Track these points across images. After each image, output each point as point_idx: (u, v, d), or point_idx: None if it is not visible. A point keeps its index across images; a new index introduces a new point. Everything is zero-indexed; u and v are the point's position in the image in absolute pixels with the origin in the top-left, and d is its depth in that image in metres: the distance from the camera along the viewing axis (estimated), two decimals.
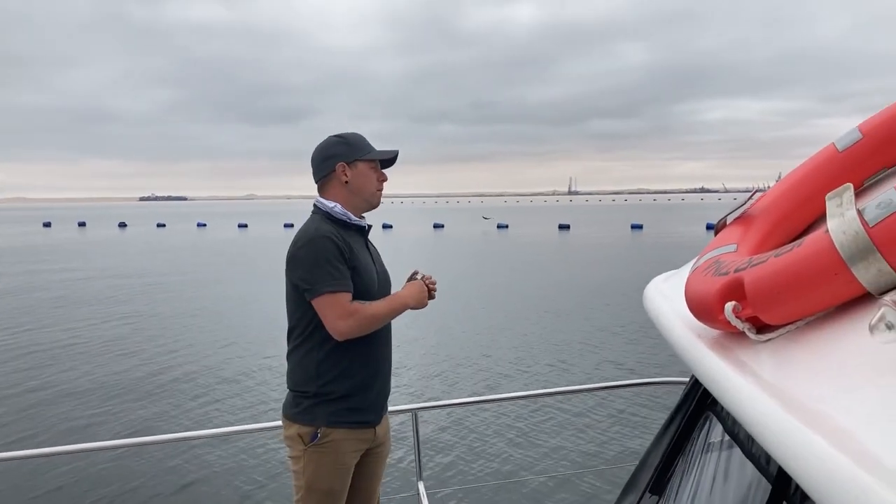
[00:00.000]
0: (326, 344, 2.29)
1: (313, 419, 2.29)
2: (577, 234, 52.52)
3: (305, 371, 2.33)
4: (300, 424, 2.30)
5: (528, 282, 23.57)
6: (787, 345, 0.84)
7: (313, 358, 2.31)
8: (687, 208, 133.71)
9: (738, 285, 0.88)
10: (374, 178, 2.46)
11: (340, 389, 2.30)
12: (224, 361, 12.44)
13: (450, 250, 38.94)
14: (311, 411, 2.30)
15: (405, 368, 11.76)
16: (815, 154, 1.24)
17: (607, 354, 12.58)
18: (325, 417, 2.29)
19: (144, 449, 7.87)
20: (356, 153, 2.42)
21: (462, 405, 8.67)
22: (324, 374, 2.30)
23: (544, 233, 55.81)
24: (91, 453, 7.48)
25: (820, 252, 0.76)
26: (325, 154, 2.44)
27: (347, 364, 2.31)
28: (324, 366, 2.30)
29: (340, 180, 2.42)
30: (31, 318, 17.31)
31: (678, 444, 1.48)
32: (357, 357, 2.32)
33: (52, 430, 8.98)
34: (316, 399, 2.30)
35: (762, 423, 0.72)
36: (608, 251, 36.30)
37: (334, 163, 2.41)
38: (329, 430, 2.29)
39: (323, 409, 2.29)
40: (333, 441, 2.29)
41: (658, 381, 3.71)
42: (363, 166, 2.43)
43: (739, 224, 1.22)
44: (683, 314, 1.09)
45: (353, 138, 2.47)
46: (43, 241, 54.04)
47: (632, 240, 45.87)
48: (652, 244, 40.62)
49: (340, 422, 2.30)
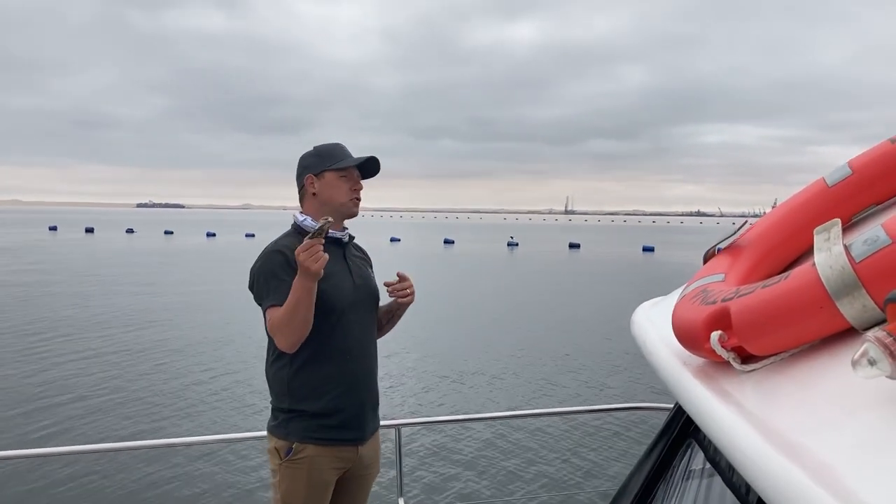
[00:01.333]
0: (296, 360, 2.25)
1: (287, 434, 2.27)
2: (587, 254, 52.86)
3: (279, 387, 2.31)
4: (277, 438, 2.29)
5: (536, 300, 23.77)
6: (771, 376, 0.84)
7: (284, 375, 2.29)
8: (689, 232, 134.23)
9: (724, 315, 0.89)
10: (345, 187, 2.38)
11: (313, 407, 2.26)
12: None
13: (462, 267, 39.11)
14: (285, 426, 2.28)
15: (391, 382, 11.85)
16: (805, 188, 1.27)
17: (595, 377, 12.64)
18: (299, 433, 2.26)
19: (136, 453, 7.92)
20: (325, 163, 2.37)
21: (446, 423, 8.61)
22: (295, 392, 2.27)
23: (555, 251, 56.05)
24: (90, 455, 7.51)
25: (806, 285, 0.77)
26: (299, 168, 2.43)
27: (318, 382, 2.27)
28: (294, 383, 2.27)
29: (310, 192, 2.39)
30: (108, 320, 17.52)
31: (659, 470, 1.49)
32: (329, 373, 2.28)
33: (48, 430, 9.14)
34: (290, 414, 2.28)
35: (743, 453, 0.72)
36: (621, 273, 36.52)
37: (304, 176, 2.40)
38: (303, 446, 2.25)
39: (297, 425, 2.27)
40: (308, 457, 2.25)
41: (641, 407, 3.73)
42: (331, 176, 2.37)
43: (728, 254, 1.24)
44: (669, 341, 1.11)
45: (326, 149, 2.42)
46: (61, 243, 54.02)
47: (644, 262, 46.27)
48: (664, 267, 40.89)
49: (314, 437, 2.26)
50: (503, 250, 57.79)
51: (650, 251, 58.73)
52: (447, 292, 25.80)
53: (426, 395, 11.39)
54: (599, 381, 12.35)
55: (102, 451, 6.45)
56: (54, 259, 39.83)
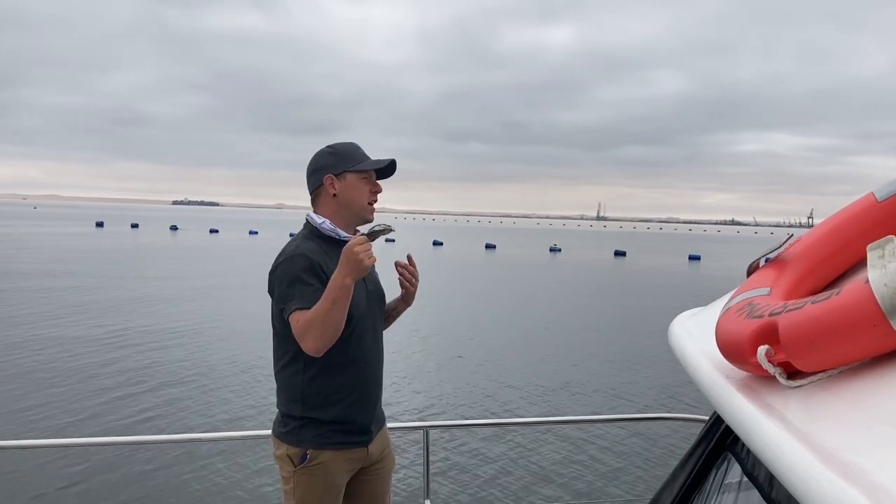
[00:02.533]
0: (311, 368, 2.21)
1: (301, 441, 2.23)
2: (633, 262, 52.34)
3: (291, 394, 2.26)
4: (288, 445, 2.25)
5: (581, 307, 23.58)
6: (819, 392, 0.83)
7: (298, 382, 2.24)
8: (729, 241, 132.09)
9: (772, 329, 0.88)
10: (366, 190, 2.33)
11: (327, 415, 2.24)
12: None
13: (506, 272, 38.86)
14: (298, 433, 2.24)
15: (421, 384, 11.84)
16: (853, 203, 1.25)
17: (631, 386, 12.50)
18: (313, 439, 2.23)
19: (143, 447, 7.94)
20: (345, 164, 2.30)
21: (475, 426, 8.55)
22: (309, 399, 2.23)
23: (600, 259, 55.54)
24: (102, 447, 7.66)
25: (859, 302, 0.76)
26: (314, 166, 2.34)
27: (332, 391, 2.24)
28: (309, 390, 2.23)
29: (329, 193, 2.31)
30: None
31: (695, 482, 1.47)
32: (344, 381, 2.25)
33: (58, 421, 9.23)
34: (303, 421, 2.24)
35: (791, 469, 0.72)
36: (669, 282, 36.02)
37: (322, 175, 2.31)
38: (317, 452, 2.23)
39: (310, 431, 2.23)
40: (323, 463, 2.23)
41: (675, 417, 3.70)
42: (352, 178, 2.31)
43: (773, 267, 1.22)
44: (710, 353, 1.11)
45: (344, 148, 2.35)
46: (135, 243, 55.24)
47: (691, 271, 45.66)
48: (712, 276, 40.32)
49: (329, 443, 2.24)
50: (546, 255, 57.52)
51: (696, 260, 58.04)
52: (492, 297, 25.74)
53: (458, 398, 11.33)
54: (635, 390, 12.23)
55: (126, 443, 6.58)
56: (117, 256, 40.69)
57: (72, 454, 7.64)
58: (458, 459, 8.28)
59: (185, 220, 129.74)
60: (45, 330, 15.72)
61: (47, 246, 45.20)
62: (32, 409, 9.79)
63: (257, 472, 7.70)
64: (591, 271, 42.14)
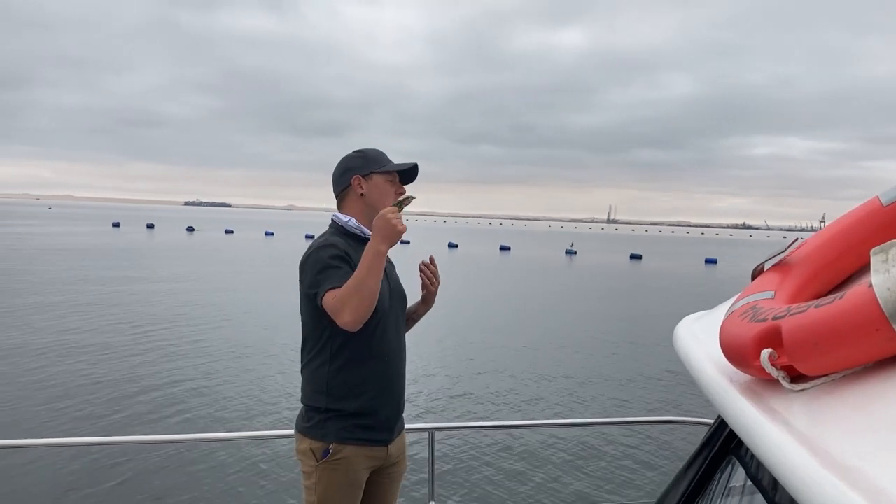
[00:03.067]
0: (337, 360, 2.27)
1: (325, 435, 2.27)
2: (649, 265, 52.27)
3: (317, 386, 2.30)
4: (312, 439, 2.28)
5: (595, 310, 23.60)
6: (822, 396, 0.84)
7: (324, 373, 2.29)
8: (743, 245, 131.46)
9: (775, 333, 0.88)
10: (391, 191, 2.43)
11: (351, 406, 2.28)
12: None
13: (522, 275, 38.88)
14: (322, 427, 2.28)
15: (426, 386, 11.79)
16: (858, 207, 1.25)
17: (636, 389, 12.49)
18: (337, 433, 2.26)
19: (160, 446, 7.98)
20: (372, 165, 2.41)
21: (480, 428, 8.50)
22: (334, 391, 2.27)
23: (615, 262, 55.55)
24: (115, 447, 7.66)
25: (862, 306, 0.76)
26: (343, 168, 2.44)
27: (358, 381, 2.28)
28: (334, 382, 2.28)
29: (356, 193, 2.41)
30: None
31: (698, 485, 1.48)
32: (368, 374, 2.30)
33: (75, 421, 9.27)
34: (327, 414, 2.28)
35: (794, 473, 0.72)
36: (685, 285, 35.97)
37: (350, 176, 2.41)
38: (340, 447, 2.26)
39: (334, 425, 2.27)
40: (345, 458, 2.27)
41: (679, 421, 3.72)
42: (379, 179, 2.42)
43: (778, 271, 1.23)
44: (715, 357, 1.11)
45: (372, 152, 2.46)
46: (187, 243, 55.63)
47: (708, 274, 45.60)
48: (729, 280, 40.24)
49: (352, 438, 2.28)
50: (561, 258, 57.57)
51: (713, 263, 57.89)
52: (509, 299, 25.76)
53: (463, 400, 11.33)
54: (640, 394, 12.24)
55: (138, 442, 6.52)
56: (141, 256, 41.06)
57: (87, 453, 7.67)
58: (464, 461, 8.30)
59: (200, 220, 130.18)
60: (61, 333, 15.91)
61: (71, 247, 45.70)
62: (53, 408, 9.87)
63: (279, 471, 7.71)
64: (607, 274, 42.12)
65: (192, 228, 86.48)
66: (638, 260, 59.17)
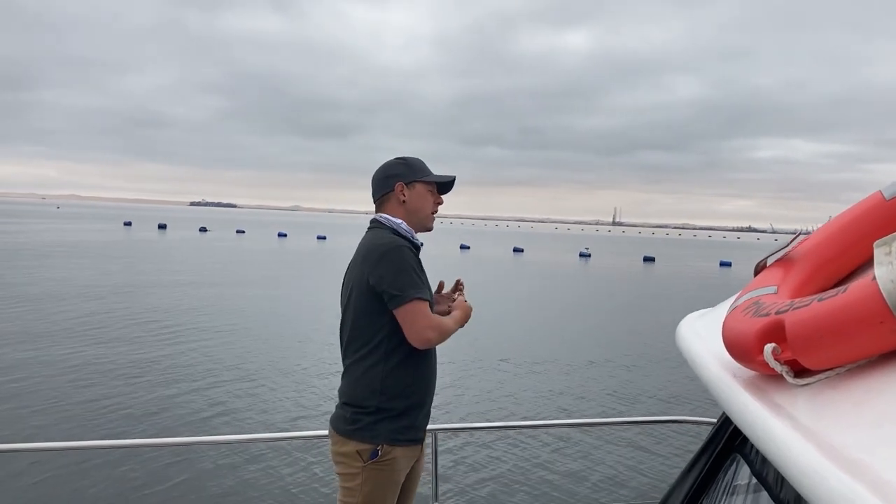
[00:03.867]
0: (392, 358, 2.28)
1: (375, 436, 2.26)
2: (663, 268, 52.14)
3: (368, 385, 2.29)
4: (358, 441, 2.27)
5: (608, 312, 23.55)
6: (826, 390, 0.83)
7: (378, 372, 2.28)
8: (753, 247, 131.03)
9: (778, 327, 0.88)
10: (431, 200, 2.50)
11: (401, 405, 2.29)
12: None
13: (536, 277, 38.87)
14: (371, 428, 2.26)
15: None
16: (861, 201, 1.24)
17: (641, 389, 12.48)
18: (387, 435, 2.27)
19: (191, 449, 8.03)
20: (415, 174, 2.47)
21: (483, 429, 8.50)
22: (388, 390, 2.27)
23: (629, 264, 55.48)
24: (141, 449, 7.69)
25: (865, 299, 0.76)
26: (387, 173, 2.48)
27: (411, 380, 2.31)
28: (388, 381, 2.28)
29: (398, 199, 2.46)
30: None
31: (703, 483, 1.47)
32: (419, 373, 2.34)
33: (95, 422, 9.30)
34: (377, 415, 2.27)
35: (798, 468, 0.72)
36: (700, 287, 35.85)
37: (394, 182, 2.46)
38: (390, 448, 2.27)
39: (385, 427, 2.27)
40: (394, 459, 2.28)
41: (683, 420, 3.70)
42: (421, 188, 2.48)
43: (780, 266, 1.23)
44: (718, 353, 1.10)
45: (414, 161, 2.52)
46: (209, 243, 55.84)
47: (723, 277, 45.55)
48: (745, 282, 39.98)
49: (401, 439, 2.30)
50: (575, 260, 57.54)
51: (727, 266, 57.73)
52: (524, 301, 25.76)
53: (466, 401, 11.35)
54: (647, 393, 12.22)
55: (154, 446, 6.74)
56: (147, 256, 41.28)
57: (122, 455, 7.68)
58: (467, 462, 8.30)
59: (211, 220, 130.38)
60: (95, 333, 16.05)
61: (89, 245, 45.93)
62: (86, 408, 9.95)
63: (311, 472, 7.72)
64: (622, 277, 42.10)
65: (205, 229, 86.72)
66: (651, 262, 59.15)
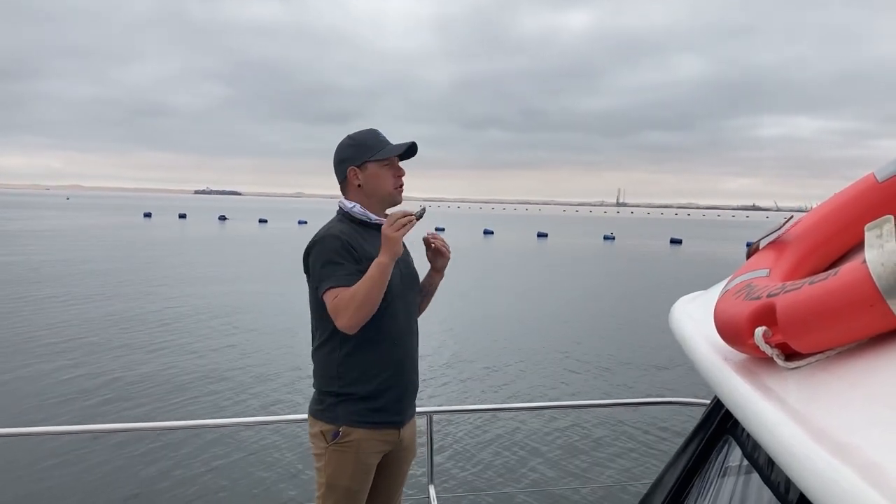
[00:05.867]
0: (346, 345, 2.28)
1: (335, 418, 2.29)
2: (687, 250, 52.22)
3: (327, 372, 2.33)
4: (323, 422, 2.31)
5: (632, 296, 23.45)
6: (817, 373, 0.83)
7: (334, 359, 2.30)
8: (765, 227, 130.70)
9: (769, 310, 0.88)
10: (389, 175, 2.38)
11: (362, 391, 2.29)
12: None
13: (560, 262, 38.72)
14: (333, 410, 2.30)
15: (424, 370, 11.47)
16: (854, 183, 1.23)
17: (631, 371, 12.58)
18: (347, 416, 2.29)
19: (174, 433, 8.02)
20: (365, 154, 2.36)
21: (478, 412, 8.34)
22: (345, 375, 2.30)
23: (655, 246, 55.77)
24: (126, 433, 7.69)
25: (856, 282, 0.76)
26: (337, 158, 2.41)
27: (368, 366, 2.30)
28: (344, 367, 2.29)
29: (354, 185, 2.39)
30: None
31: (695, 465, 1.48)
32: (379, 357, 2.31)
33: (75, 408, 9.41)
34: (339, 398, 2.30)
35: (787, 451, 0.72)
36: (725, 270, 35.95)
37: (345, 168, 2.39)
38: (350, 430, 2.28)
39: (345, 409, 2.29)
40: (355, 440, 2.29)
41: (676, 402, 3.68)
42: (374, 167, 2.37)
43: (773, 249, 1.22)
44: (710, 336, 1.11)
45: (363, 137, 2.41)
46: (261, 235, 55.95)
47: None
48: None
49: (362, 421, 2.30)
50: (599, 244, 57.87)
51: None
52: (546, 287, 25.64)
53: (464, 383, 11.34)
54: (640, 376, 12.30)
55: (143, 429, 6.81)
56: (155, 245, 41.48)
57: (99, 439, 7.79)
58: (462, 444, 8.33)
59: (229, 210, 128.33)
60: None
61: (130, 240, 46.43)
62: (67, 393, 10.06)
63: (294, 456, 7.78)
64: (649, 260, 41.93)
65: (225, 217, 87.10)
66: (678, 244, 59.44)
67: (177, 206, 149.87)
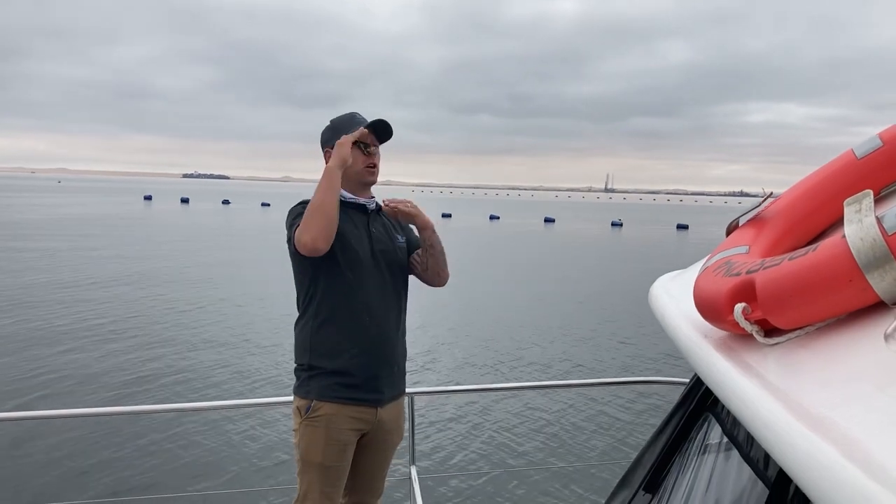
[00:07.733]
0: (317, 317, 2.32)
1: (308, 392, 2.31)
2: (694, 236, 52.89)
3: (301, 344, 2.36)
4: (299, 397, 2.33)
5: (637, 280, 22.98)
6: (796, 349, 0.83)
7: (307, 331, 2.34)
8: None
9: (748, 287, 0.87)
10: (358, 154, 2.40)
11: (331, 364, 2.30)
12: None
13: (568, 248, 38.92)
14: (307, 384, 2.32)
15: (414, 353, 11.37)
16: (833, 160, 1.23)
17: (611, 351, 12.73)
18: (318, 390, 2.29)
19: (161, 416, 7.96)
20: (337, 136, 2.39)
21: (459, 392, 8.50)
22: (317, 348, 2.32)
23: (662, 233, 56.45)
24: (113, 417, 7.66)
25: (835, 257, 0.75)
26: (320, 141, 2.50)
27: (337, 340, 2.31)
28: (315, 339, 2.32)
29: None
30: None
31: (675, 443, 1.48)
32: (348, 332, 2.31)
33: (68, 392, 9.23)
34: (310, 372, 2.32)
35: (766, 427, 0.72)
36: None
37: (323, 150, 2.46)
38: (320, 404, 2.28)
39: (316, 383, 2.30)
40: (325, 415, 2.28)
41: (656, 381, 3.65)
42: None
43: (752, 226, 1.21)
44: (689, 314, 1.10)
45: (340, 121, 2.47)
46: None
47: None
48: None
49: (331, 395, 2.29)
50: (607, 230, 58.42)
51: None
52: (550, 272, 25.62)
53: (449, 365, 11.38)
54: (614, 356, 12.42)
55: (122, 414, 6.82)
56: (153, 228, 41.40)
57: (89, 423, 7.64)
58: (443, 425, 8.33)
59: (232, 195, 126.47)
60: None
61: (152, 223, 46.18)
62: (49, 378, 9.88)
63: (281, 437, 7.75)
64: (656, 245, 42.37)
65: (228, 202, 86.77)
66: (685, 230, 60.32)
67: (173, 189, 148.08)
